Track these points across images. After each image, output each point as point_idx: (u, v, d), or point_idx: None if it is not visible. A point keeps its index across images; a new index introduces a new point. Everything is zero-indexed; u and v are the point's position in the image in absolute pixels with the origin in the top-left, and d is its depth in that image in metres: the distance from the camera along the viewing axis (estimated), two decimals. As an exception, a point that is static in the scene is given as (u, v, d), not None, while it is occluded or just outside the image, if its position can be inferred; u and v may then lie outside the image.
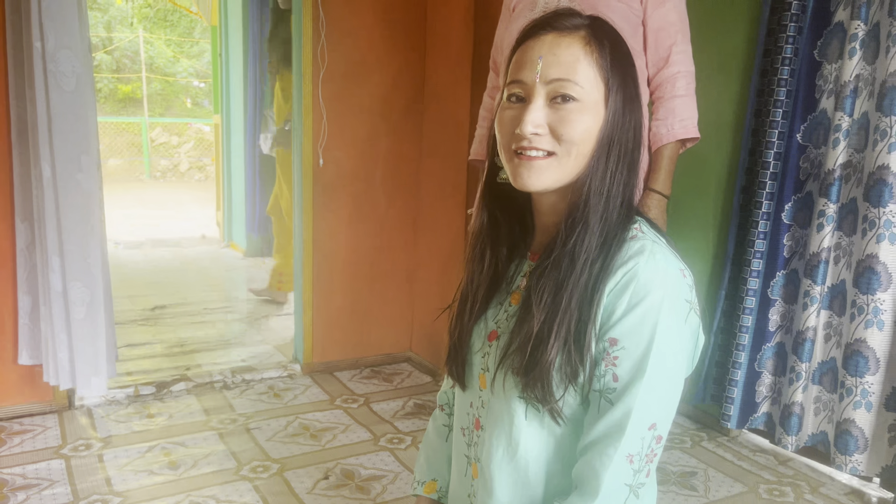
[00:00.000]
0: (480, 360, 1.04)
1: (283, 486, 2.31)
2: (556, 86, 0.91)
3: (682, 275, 0.93)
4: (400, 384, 3.21)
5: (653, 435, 0.90)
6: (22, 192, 2.51)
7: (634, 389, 0.89)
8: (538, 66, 0.91)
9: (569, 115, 0.91)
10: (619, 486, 0.90)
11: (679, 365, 0.92)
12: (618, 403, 0.89)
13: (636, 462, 0.90)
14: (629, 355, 0.89)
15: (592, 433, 0.91)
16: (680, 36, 1.88)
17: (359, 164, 3.22)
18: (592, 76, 0.91)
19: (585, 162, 0.93)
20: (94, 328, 2.53)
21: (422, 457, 1.25)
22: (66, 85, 2.32)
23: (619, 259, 0.91)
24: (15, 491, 2.22)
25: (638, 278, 0.89)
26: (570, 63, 0.91)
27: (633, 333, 0.89)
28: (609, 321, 0.90)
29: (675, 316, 0.90)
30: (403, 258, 3.40)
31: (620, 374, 0.89)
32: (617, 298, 0.90)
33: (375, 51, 3.14)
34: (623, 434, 0.88)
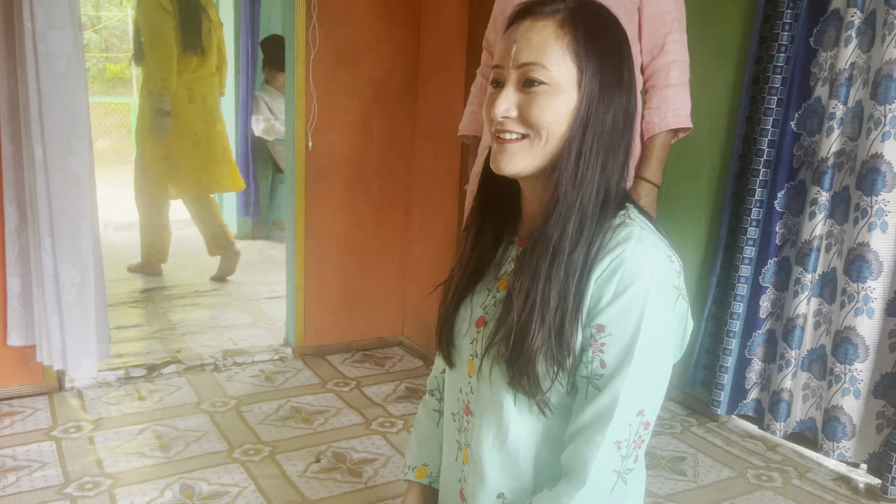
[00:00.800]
0: (469, 345, 1.04)
1: (275, 468, 2.31)
2: (525, 70, 0.91)
3: (670, 261, 0.93)
4: (392, 368, 3.22)
5: (640, 421, 0.91)
6: (12, 173, 2.48)
7: (622, 376, 0.89)
8: (512, 51, 0.92)
9: (536, 98, 0.91)
10: (608, 472, 0.90)
11: (667, 351, 0.93)
12: (605, 390, 0.90)
13: (624, 448, 0.90)
14: (616, 342, 0.89)
15: (580, 420, 0.92)
16: (676, 24, 1.87)
17: (351, 147, 3.20)
18: (562, 60, 0.91)
19: (556, 145, 0.93)
20: (84, 309, 2.51)
21: (413, 442, 1.25)
22: (56, 66, 2.29)
23: (607, 246, 0.91)
24: (5, 473, 2.21)
25: (625, 265, 0.89)
26: (540, 47, 0.91)
27: (621, 320, 0.89)
28: (596, 308, 0.90)
29: (663, 302, 0.90)
30: (396, 242, 3.40)
31: (608, 361, 0.90)
32: (604, 285, 0.90)
33: (368, 32, 3.12)
34: (610, 420, 0.89)
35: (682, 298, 0.94)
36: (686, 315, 0.96)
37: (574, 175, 0.92)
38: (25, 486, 2.15)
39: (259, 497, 2.15)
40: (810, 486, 2.30)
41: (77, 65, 2.36)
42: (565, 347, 0.91)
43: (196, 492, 2.16)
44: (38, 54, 2.27)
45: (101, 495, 2.12)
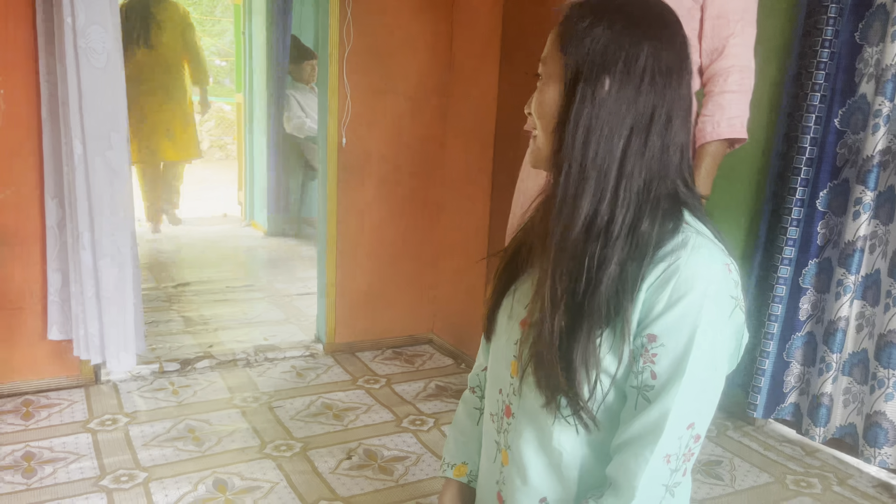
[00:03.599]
0: (512, 346, 1.02)
1: (307, 464, 2.32)
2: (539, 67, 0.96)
3: (728, 269, 0.89)
4: (421, 366, 3.21)
5: (691, 434, 0.88)
6: (53, 169, 2.52)
7: (673, 388, 0.86)
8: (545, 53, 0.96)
9: (537, 91, 0.94)
10: (656, 486, 0.88)
11: (720, 363, 0.89)
12: (655, 402, 0.87)
13: (673, 462, 0.88)
14: (668, 353, 0.86)
15: (628, 431, 0.89)
16: (740, 26, 1.77)
17: (383, 144, 3.20)
18: (554, 53, 0.92)
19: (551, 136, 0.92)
20: (123, 304, 2.54)
21: (451, 439, 1.23)
22: (96, 61, 2.32)
23: (660, 252, 0.88)
24: (42, 464, 2.25)
25: (680, 273, 0.86)
26: (548, 44, 0.94)
27: (674, 330, 0.86)
28: (648, 317, 0.87)
29: (719, 313, 0.87)
30: (427, 240, 3.39)
31: (659, 372, 0.87)
32: (657, 293, 0.87)
33: (402, 30, 3.11)
34: (661, 434, 0.86)
35: (739, 309, 0.90)
36: (742, 326, 0.92)
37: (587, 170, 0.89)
38: (62, 478, 2.18)
39: (291, 493, 2.16)
40: (851, 493, 2.25)
41: (116, 60, 2.39)
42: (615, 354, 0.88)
43: (229, 486, 2.17)
44: (78, 50, 2.30)
45: (136, 488, 2.14)
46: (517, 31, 2.76)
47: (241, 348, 3.19)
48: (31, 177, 2.54)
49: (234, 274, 4.49)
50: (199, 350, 3.16)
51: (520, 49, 2.74)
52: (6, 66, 2.44)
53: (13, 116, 2.48)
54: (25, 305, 2.62)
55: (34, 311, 2.64)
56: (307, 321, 3.62)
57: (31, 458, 2.28)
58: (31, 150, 2.52)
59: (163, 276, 4.33)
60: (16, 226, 2.55)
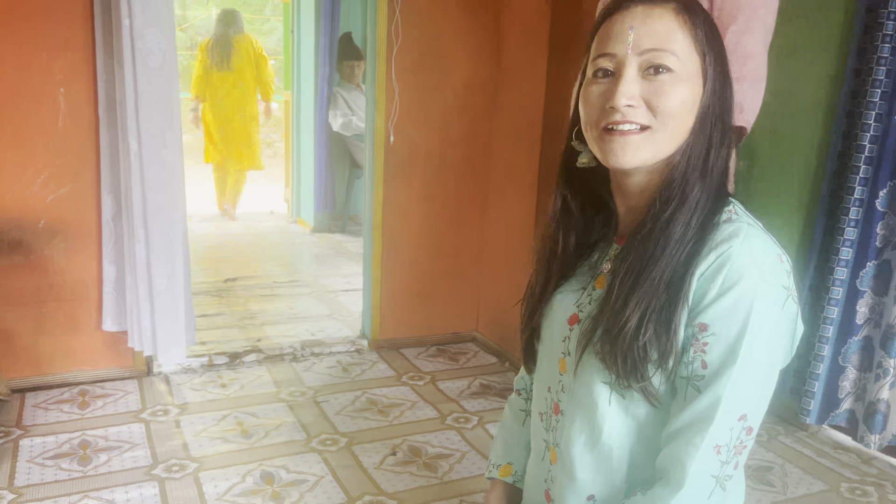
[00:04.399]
0: (560, 344, 1.02)
1: (352, 459, 2.34)
2: (649, 56, 0.88)
3: (780, 259, 0.89)
4: (465, 364, 3.21)
5: (743, 426, 0.87)
6: (109, 165, 2.59)
7: (724, 377, 0.86)
8: (629, 37, 0.88)
9: (663, 86, 0.88)
10: (706, 477, 0.87)
11: (774, 354, 0.89)
12: (706, 391, 0.87)
13: (724, 453, 0.87)
14: (720, 341, 0.86)
15: (678, 421, 0.89)
16: (743, 16, 1.74)
17: (429, 143, 3.21)
18: (688, 47, 0.88)
19: (681, 136, 0.90)
20: (175, 298, 2.61)
21: (498, 440, 1.24)
22: (152, 62, 2.38)
23: (712, 242, 0.88)
24: (98, 452, 2.32)
25: (731, 262, 0.86)
26: (665, 33, 0.88)
27: (725, 319, 0.86)
28: (699, 306, 0.87)
29: (772, 302, 0.87)
30: (471, 238, 3.39)
31: (710, 361, 0.87)
32: (708, 282, 0.87)
33: (450, 28, 3.11)
34: (711, 423, 0.86)
35: (792, 300, 0.90)
36: (796, 317, 0.92)
37: (700, 166, 0.90)
38: (116, 466, 2.24)
39: (336, 487, 2.18)
40: (910, 504, 2.17)
41: (171, 61, 2.44)
42: (667, 343, 0.88)
43: (276, 479, 2.21)
44: (135, 51, 2.36)
45: (186, 478, 2.19)
46: (566, 28, 2.74)
47: (287, 343, 3.24)
48: (88, 173, 2.62)
49: (280, 269, 4.56)
50: (246, 344, 3.22)
51: (569, 46, 2.71)
52: (67, 67, 2.52)
53: (73, 115, 2.56)
54: (82, 297, 2.71)
55: (90, 302, 2.72)
56: (352, 317, 3.65)
57: (87, 446, 2.35)
58: (89, 148, 2.60)
59: (211, 270, 4.43)
60: (75, 220, 2.64)
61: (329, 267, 4.68)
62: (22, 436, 2.39)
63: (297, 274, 4.49)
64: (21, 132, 2.52)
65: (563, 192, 1.04)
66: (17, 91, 2.49)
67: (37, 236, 2.60)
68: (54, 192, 2.59)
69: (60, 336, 2.71)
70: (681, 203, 0.90)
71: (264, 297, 3.96)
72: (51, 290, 2.65)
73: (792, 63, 1.82)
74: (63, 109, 2.54)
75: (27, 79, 2.49)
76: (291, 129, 5.90)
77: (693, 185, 0.90)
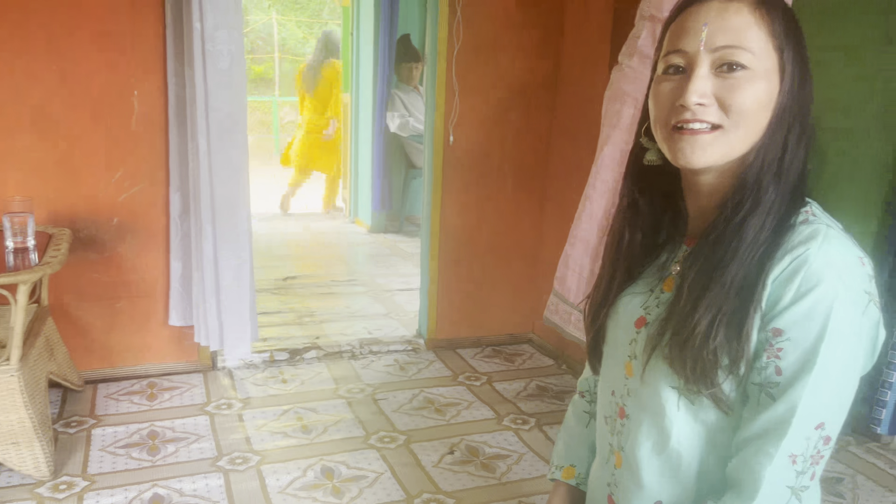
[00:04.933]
0: (627, 347, 1.00)
1: (410, 457, 2.36)
2: (723, 53, 0.85)
3: (861, 263, 0.85)
4: (521, 365, 3.20)
5: (820, 435, 0.84)
6: (178, 164, 2.67)
7: (800, 384, 0.82)
8: (703, 34, 0.86)
9: (738, 83, 0.84)
10: (780, 487, 0.84)
11: (853, 361, 0.85)
12: (781, 399, 0.83)
13: (800, 463, 0.84)
14: (795, 347, 0.83)
15: (751, 429, 0.85)
16: None
17: (488, 142, 3.21)
18: (764, 43, 0.85)
19: (754, 135, 0.87)
20: (240, 294, 2.67)
21: (560, 442, 1.22)
22: (221, 63, 2.44)
23: (788, 244, 0.85)
24: (166, 443, 2.39)
25: (809, 264, 0.82)
26: (740, 29, 0.84)
27: (801, 324, 0.82)
28: (773, 310, 0.84)
29: (852, 307, 0.83)
30: (529, 239, 3.37)
31: (784, 368, 0.83)
32: (784, 286, 0.83)
33: (511, 25, 3.11)
34: (786, 432, 0.83)
35: (874, 305, 0.86)
36: (878, 323, 0.88)
37: (776, 166, 0.86)
38: (183, 457, 2.31)
39: (395, 484, 2.20)
40: None
41: (239, 63, 2.51)
42: (739, 348, 0.86)
43: (336, 474, 2.24)
44: (205, 53, 2.43)
45: (249, 470, 2.25)
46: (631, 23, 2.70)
47: (345, 340, 3.28)
48: (158, 172, 2.71)
49: (338, 268, 4.63)
50: (306, 341, 3.27)
51: (631, 45, 2.67)
52: (140, 69, 2.61)
53: (145, 117, 2.65)
54: (151, 293, 2.80)
55: (158, 298, 2.81)
56: (407, 316, 3.68)
57: (156, 436, 2.43)
58: (159, 148, 2.69)
59: (271, 268, 4.52)
60: (145, 218, 2.73)
61: (385, 266, 4.73)
62: (94, 425, 2.48)
63: (354, 273, 4.54)
64: (97, 133, 2.62)
65: (632, 190, 1.02)
66: (95, 94, 2.59)
67: (110, 234, 2.70)
68: (126, 191, 2.68)
69: (130, 330, 2.80)
70: (754, 206, 0.87)
71: (322, 296, 4.02)
72: (123, 286, 2.75)
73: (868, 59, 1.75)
74: (136, 111, 2.64)
75: (104, 82, 2.59)
76: (350, 131, 5.98)
77: (767, 187, 0.87)
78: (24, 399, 2.07)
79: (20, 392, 2.06)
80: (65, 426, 2.46)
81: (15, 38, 2.47)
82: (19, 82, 2.51)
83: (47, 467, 2.13)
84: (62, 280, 2.63)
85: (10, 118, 2.52)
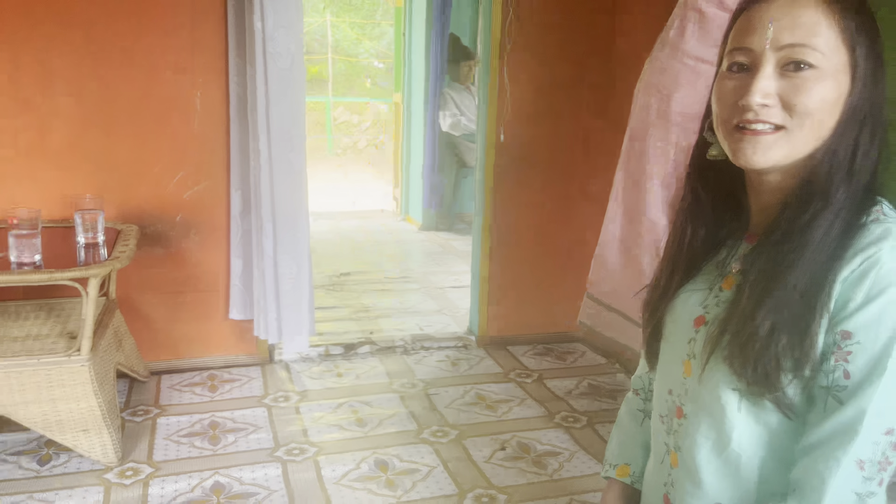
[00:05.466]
0: (685, 345, 0.99)
1: (462, 452, 2.38)
2: (789, 52, 0.83)
3: None
4: (573, 363, 3.19)
5: (889, 441, 0.82)
6: (238, 163, 2.76)
7: (870, 389, 0.81)
8: (769, 31, 0.83)
9: (804, 83, 0.82)
10: (847, 493, 0.82)
11: None
12: (849, 403, 0.82)
13: (867, 468, 0.82)
14: (865, 351, 0.81)
15: (817, 433, 0.84)
16: None
17: (540, 140, 3.21)
18: (833, 41, 0.82)
19: (821, 135, 0.85)
20: (299, 289, 2.74)
21: (614, 440, 1.21)
22: (282, 63, 2.51)
23: (858, 244, 0.83)
24: (226, 433, 2.47)
25: (881, 265, 0.80)
26: (808, 26, 0.82)
27: (872, 327, 0.81)
28: (842, 312, 0.82)
29: None
30: (582, 237, 3.35)
31: (853, 372, 0.82)
32: (853, 287, 0.81)
33: (563, 27, 3.10)
34: (854, 437, 0.81)
35: None
36: None
37: (846, 166, 0.85)
38: (242, 447, 2.39)
39: (448, 478, 2.23)
40: None
41: (299, 63, 2.57)
42: (803, 351, 0.84)
43: (390, 467, 2.28)
44: (266, 54, 2.49)
45: (306, 461, 2.30)
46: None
47: (399, 336, 3.33)
48: (219, 171, 2.80)
49: (390, 265, 4.69)
50: (360, 336, 3.33)
51: (688, 40, 2.64)
52: (203, 71, 2.71)
53: (207, 117, 2.74)
54: (213, 288, 2.89)
55: (219, 293, 2.90)
56: (459, 313, 3.70)
57: (217, 426, 2.51)
58: (220, 147, 2.78)
59: (325, 265, 4.60)
60: (207, 216, 2.82)
61: (437, 264, 4.77)
62: (159, 414, 2.58)
63: (406, 270, 4.59)
64: (162, 134, 2.72)
65: (694, 184, 1.01)
66: (161, 96, 2.69)
67: (174, 230, 2.80)
68: (190, 189, 2.78)
69: (193, 323, 2.90)
70: (823, 206, 0.84)
71: (376, 292, 4.08)
72: (186, 281, 2.85)
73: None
74: (199, 111, 2.73)
75: (169, 84, 2.69)
76: (401, 130, 6.04)
77: (838, 187, 0.84)
78: (94, 388, 2.17)
79: (90, 381, 2.16)
80: (131, 415, 2.57)
81: (92, 44, 2.59)
82: (91, 86, 2.62)
83: (115, 454, 2.23)
84: (129, 274, 2.74)
85: (82, 120, 2.64)
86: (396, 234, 5.70)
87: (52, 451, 2.30)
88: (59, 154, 2.64)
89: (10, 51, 2.52)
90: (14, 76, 2.55)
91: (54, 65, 2.57)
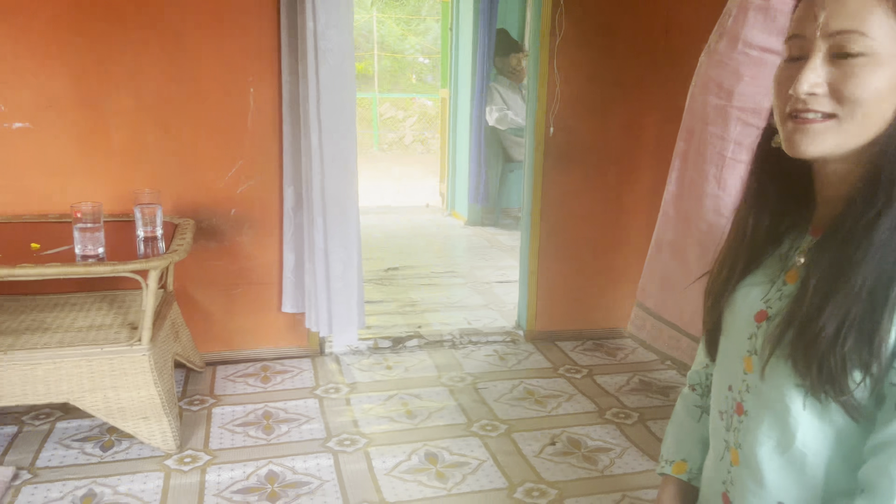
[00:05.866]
0: (746, 340, 0.97)
1: (512, 446, 2.38)
2: (839, 39, 0.81)
3: None
4: (623, 359, 3.16)
5: None
6: (291, 159, 2.80)
7: None
8: (819, 19, 0.82)
9: (853, 70, 0.80)
10: None
11: None
12: None
13: None
14: None
15: (887, 432, 0.82)
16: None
17: (590, 133, 3.18)
18: (888, 26, 0.79)
19: (877, 125, 0.82)
20: (349, 283, 2.78)
21: (670, 436, 1.20)
22: (332, 60, 2.54)
23: None
24: (279, 423, 2.52)
25: None
26: (859, 12, 0.80)
27: None
28: None
29: None
30: (633, 232, 3.32)
31: None
32: None
33: (613, 18, 3.07)
34: None
35: None
36: None
37: None
38: (295, 437, 2.43)
39: (497, 472, 2.23)
40: None
41: (349, 61, 2.60)
42: (871, 348, 0.82)
43: (439, 459, 2.29)
44: (318, 51, 2.53)
45: (357, 452, 2.34)
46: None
47: (446, 330, 3.34)
48: (272, 167, 2.85)
49: (437, 260, 4.71)
50: (408, 329, 3.36)
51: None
52: (256, 69, 2.76)
53: (261, 113, 2.79)
54: (266, 281, 2.95)
55: (273, 286, 2.96)
56: (505, 307, 3.70)
57: (270, 416, 2.56)
58: (273, 143, 2.83)
59: (374, 260, 4.65)
60: (260, 210, 2.88)
61: (483, 259, 4.77)
62: (214, 404, 2.64)
63: (452, 265, 4.61)
64: (217, 130, 2.78)
65: (758, 173, 1.00)
66: (216, 93, 2.75)
67: (229, 224, 2.86)
68: (243, 184, 2.84)
69: (247, 316, 2.97)
70: (887, 204, 0.82)
71: (423, 286, 4.10)
72: (240, 274, 2.92)
73: None
74: (252, 108, 2.78)
75: (224, 81, 2.75)
76: (448, 125, 6.05)
77: None
78: (154, 377, 2.23)
79: (150, 370, 2.23)
80: (188, 404, 2.64)
81: (151, 44, 2.66)
82: (150, 86, 2.70)
83: (174, 441, 2.29)
84: (185, 267, 2.81)
85: (141, 117, 2.71)
86: (442, 229, 5.72)
87: (114, 437, 2.38)
88: (120, 151, 2.72)
89: (75, 54, 2.61)
90: (81, 78, 2.63)
91: (115, 67, 2.65)
